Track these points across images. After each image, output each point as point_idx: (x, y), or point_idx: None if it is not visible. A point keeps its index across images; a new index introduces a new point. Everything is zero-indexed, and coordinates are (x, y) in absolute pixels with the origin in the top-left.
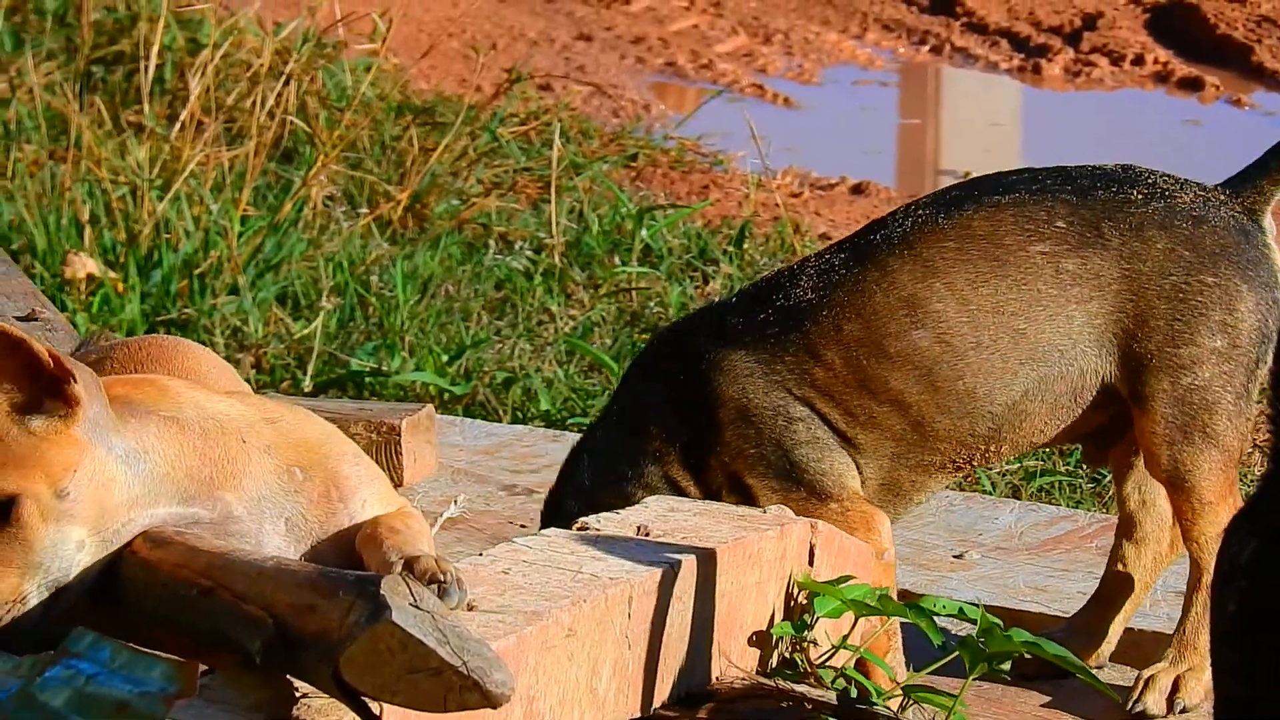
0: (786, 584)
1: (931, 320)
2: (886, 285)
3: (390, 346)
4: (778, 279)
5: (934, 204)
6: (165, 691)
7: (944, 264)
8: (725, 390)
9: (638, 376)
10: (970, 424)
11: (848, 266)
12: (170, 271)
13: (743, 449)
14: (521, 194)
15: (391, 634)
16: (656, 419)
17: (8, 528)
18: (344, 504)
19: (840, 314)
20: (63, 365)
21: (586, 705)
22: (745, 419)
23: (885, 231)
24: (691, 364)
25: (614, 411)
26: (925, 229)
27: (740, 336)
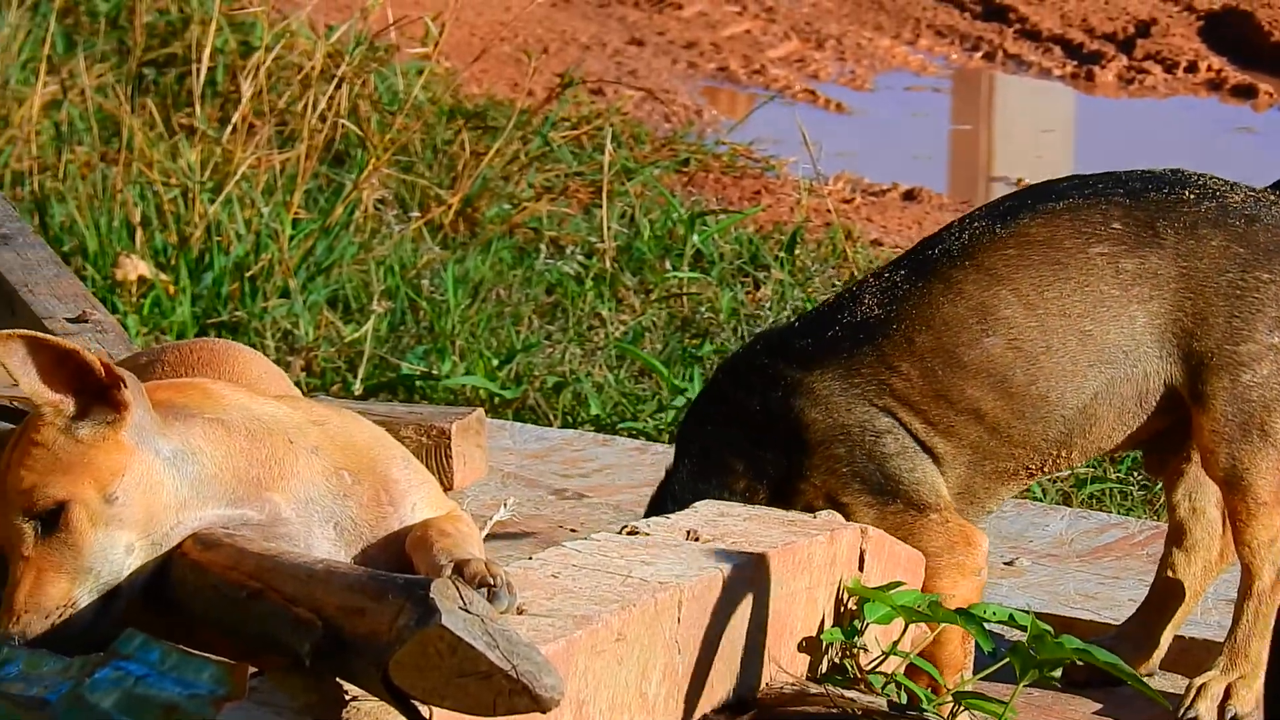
0: (836, 589)
1: (1002, 326)
2: (953, 296)
3: (441, 350)
4: (839, 301)
5: (989, 215)
6: (214, 694)
7: (1008, 271)
8: (808, 413)
9: (711, 413)
10: (1043, 429)
11: (911, 282)
12: (221, 274)
13: (834, 469)
14: (573, 198)
15: (441, 637)
16: (740, 455)
17: (57, 533)
18: (394, 507)
19: (911, 327)
20: (113, 372)
21: (636, 710)
22: (833, 439)
23: (943, 245)
24: (767, 392)
25: (693, 453)
26: (984, 239)
27: (813, 358)
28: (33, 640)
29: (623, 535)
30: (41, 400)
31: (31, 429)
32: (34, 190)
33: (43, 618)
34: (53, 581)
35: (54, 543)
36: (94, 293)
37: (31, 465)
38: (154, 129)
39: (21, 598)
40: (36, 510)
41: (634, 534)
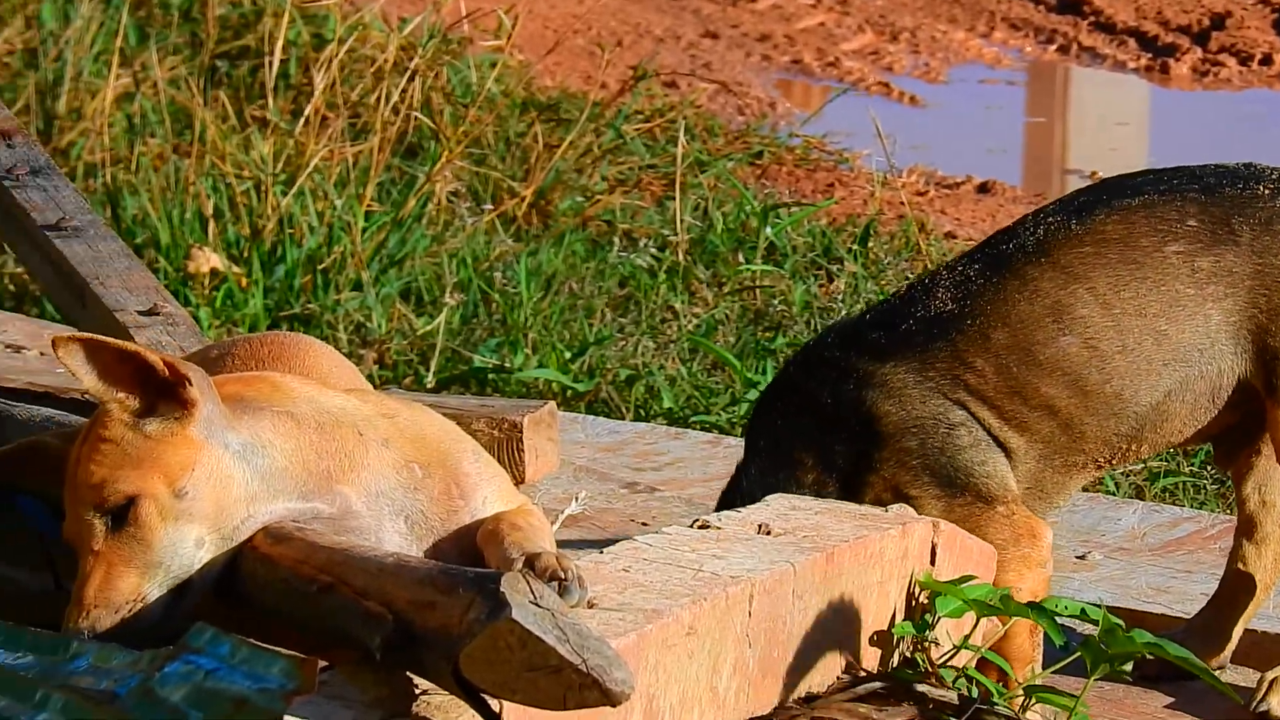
0: (908, 583)
1: (1078, 326)
2: (1029, 294)
3: (513, 343)
4: (911, 294)
5: (1063, 210)
6: (284, 688)
7: (1084, 269)
8: (881, 405)
9: (782, 405)
10: (1115, 425)
11: (985, 276)
12: (293, 267)
13: (905, 461)
14: (646, 191)
15: (511, 631)
16: (810, 447)
17: (127, 528)
18: (464, 501)
19: (986, 323)
20: (177, 370)
21: (707, 704)
22: (905, 431)
23: (1018, 240)
24: (839, 384)
25: (763, 446)
26: (1059, 235)
27: (886, 350)
28: (102, 635)
29: (694, 529)
30: (107, 398)
31: (99, 424)
32: (107, 183)
33: (112, 612)
34: (122, 576)
35: (123, 537)
36: (166, 285)
37: (100, 460)
38: (226, 121)
39: (91, 592)
40: (106, 505)
41: (705, 528)
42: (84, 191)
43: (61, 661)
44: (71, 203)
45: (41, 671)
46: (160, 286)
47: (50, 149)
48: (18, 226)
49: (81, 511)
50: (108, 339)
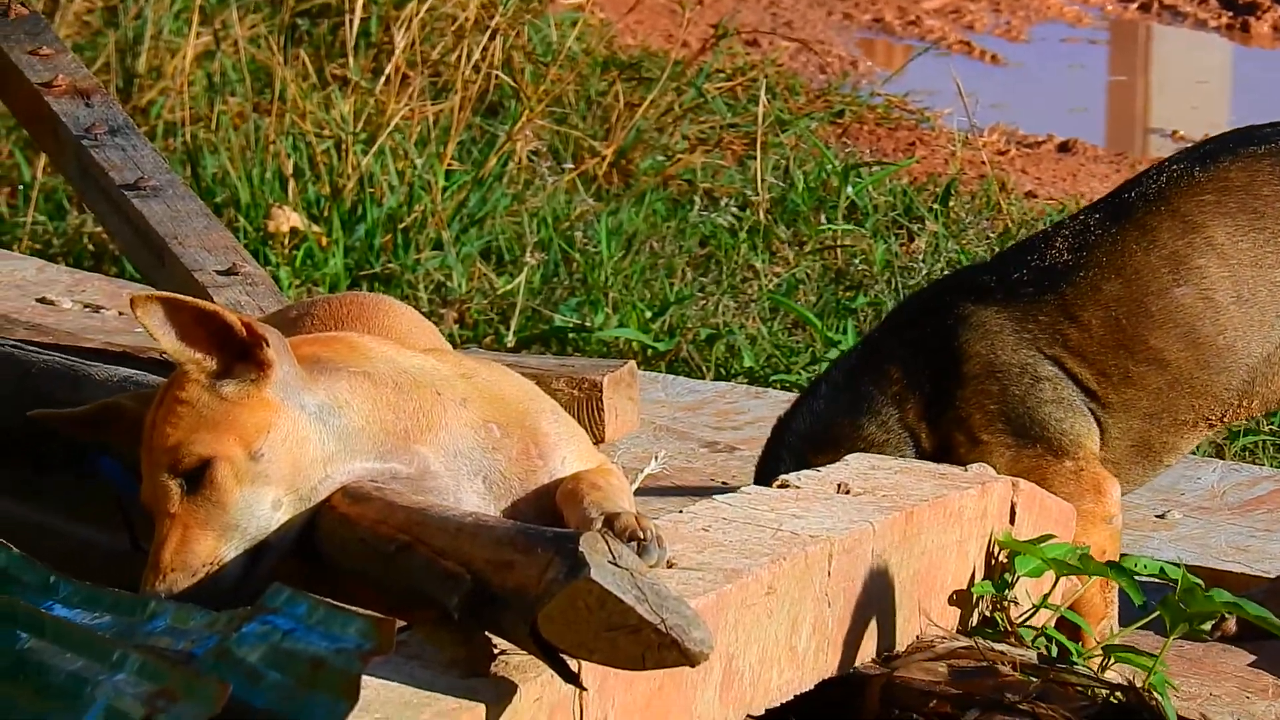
0: (987, 542)
1: (1194, 276)
2: (1146, 243)
3: (594, 302)
4: (1034, 241)
5: (1189, 157)
6: (362, 648)
7: (1204, 218)
8: (972, 345)
9: (885, 329)
10: (1227, 379)
11: (1104, 226)
12: (374, 226)
13: (983, 404)
14: (727, 150)
15: (589, 591)
16: (900, 364)
17: (203, 490)
18: (543, 461)
19: (1099, 274)
20: (254, 331)
21: (786, 663)
22: (990, 374)
23: (1140, 189)
24: (940, 317)
25: (857, 354)
26: (1181, 183)
27: (992, 294)
28: (178, 598)
29: (774, 488)
30: (184, 358)
31: (176, 386)
32: (186, 141)
33: (189, 575)
34: (199, 539)
35: (200, 500)
36: (245, 245)
37: (176, 422)
38: (307, 80)
39: (168, 555)
40: (182, 468)
41: (785, 487)
42: (163, 151)
43: (139, 622)
44: (150, 162)
45: (119, 632)
46: (239, 246)
47: (129, 108)
48: (96, 186)
49: (157, 475)
50: (186, 298)
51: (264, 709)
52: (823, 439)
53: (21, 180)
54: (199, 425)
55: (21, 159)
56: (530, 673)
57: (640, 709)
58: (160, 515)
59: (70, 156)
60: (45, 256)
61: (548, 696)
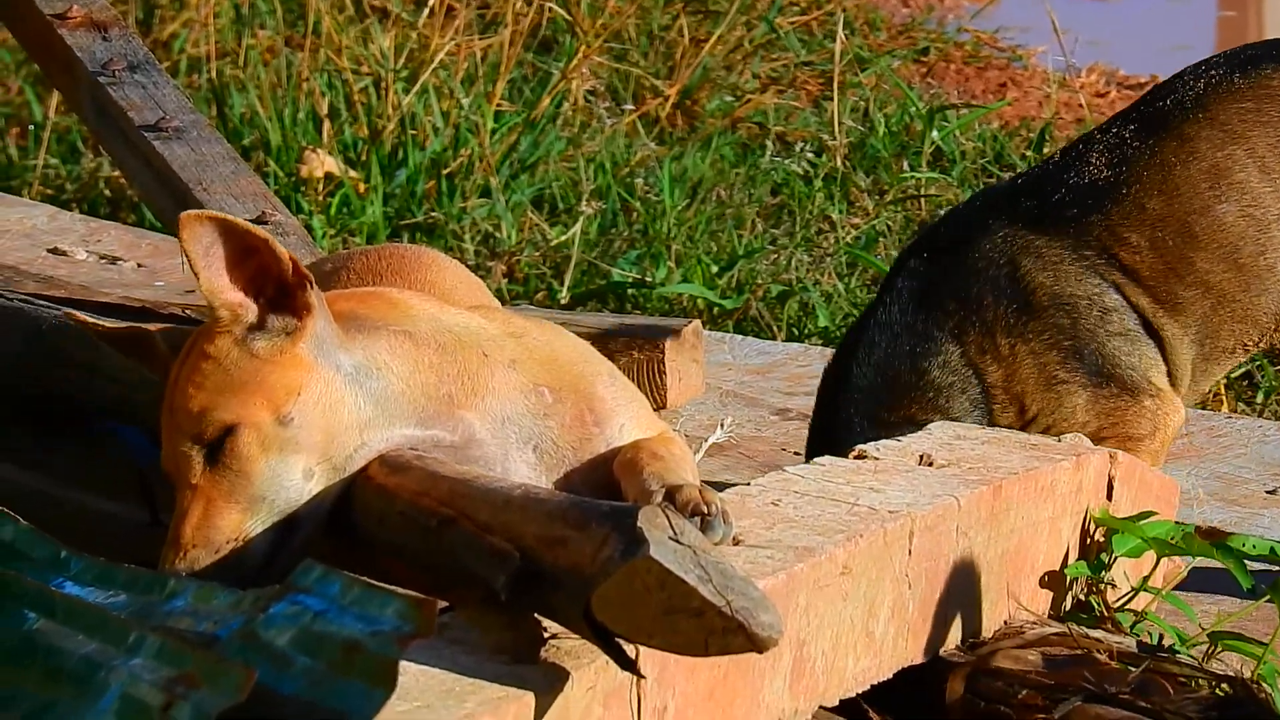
0: (1082, 519)
1: (1235, 192)
2: (1185, 155)
3: (655, 256)
4: (1065, 158)
5: (1228, 63)
6: (400, 631)
7: (1244, 127)
8: (1036, 276)
9: (925, 257)
10: (1267, 302)
11: (1141, 138)
12: (416, 171)
13: (1057, 340)
14: (801, 90)
15: (648, 570)
16: (957, 294)
17: (225, 459)
18: (599, 428)
19: (1141, 191)
20: (300, 270)
21: (862, 649)
22: (1058, 308)
23: (1176, 96)
24: (994, 245)
25: (901, 289)
26: (1220, 90)
27: (1041, 220)
28: (200, 576)
29: (850, 459)
30: (219, 301)
31: (204, 339)
32: (212, 78)
33: (212, 551)
34: (222, 512)
35: (223, 470)
36: (276, 191)
37: (201, 383)
38: (343, 12)
39: (189, 530)
40: (205, 435)
41: (862, 458)
42: (187, 88)
43: (158, 601)
44: (173, 101)
45: (136, 612)
46: (269, 193)
47: (150, 42)
48: (114, 127)
49: (178, 441)
50: (241, 222)
51: (293, 696)
52: (889, 392)
53: (32, 120)
54: (225, 386)
55: (32, 96)
56: (583, 659)
57: (703, 698)
58: (181, 486)
59: (85, 95)
60: (58, 203)
61: (602, 684)
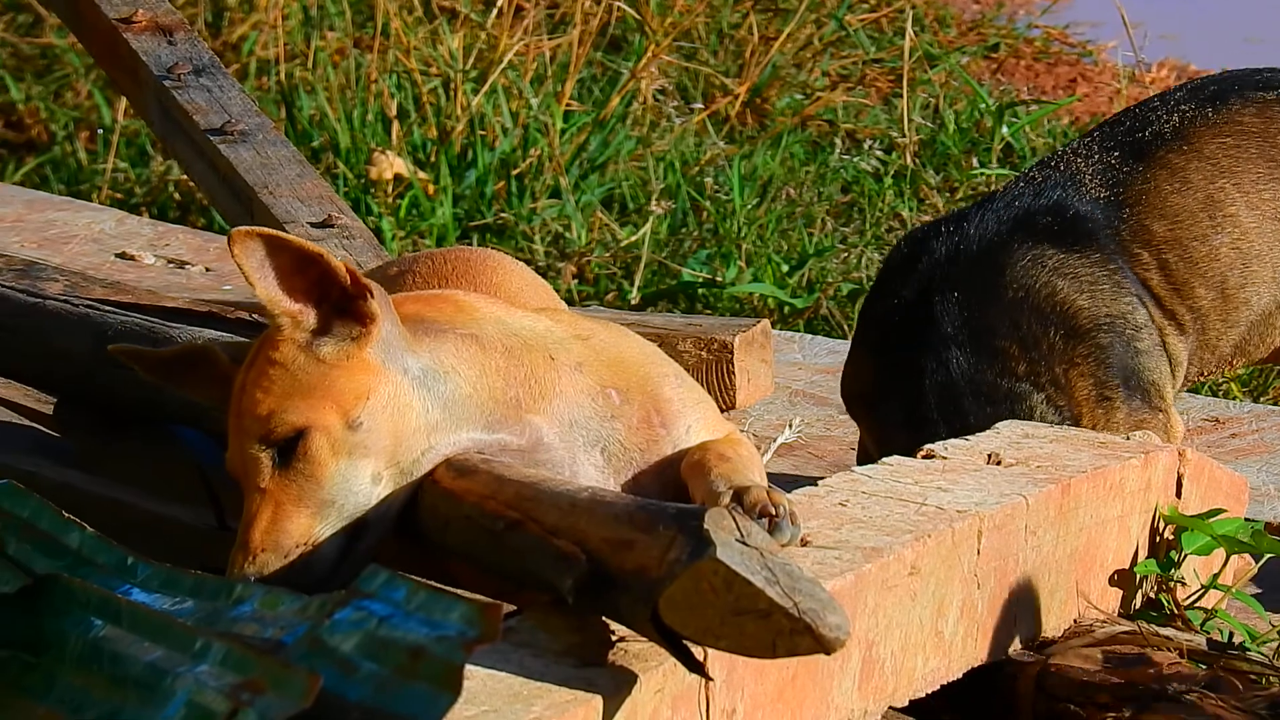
0: (1151, 518)
1: (1229, 225)
2: (1179, 184)
3: (725, 255)
4: (1053, 177)
5: (1195, 99)
6: (465, 635)
7: (1229, 162)
8: (1077, 299)
9: (957, 297)
10: (1234, 334)
11: (1132, 165)
12: (485, 172)
13: (1102, 360)
14: (871, 88)
15: (715, 572)
16: (1011, 335)
17: (295, 463)
18: (666, 430)
19: (1145, 215)
20: (359, 281)
21: (931, 649)
22: (1099, 328)
23: (1153, 128)
24: (1025, 271)
25: (950, 339)
26: (1199, 124)
27: (1063, 237)
28: (269, 580)
29: (918, 459)
30: (278, 310)
31: (268, 346)
32: (281, 80)
33: (280, 556)
34: (291, 516)
35: (292, 474)
36: (345, 193)
37: (268, 388)
38: (412, 13)
39: (258, 535)
40: (274, 438)
41: (930, 457)
42: (256, 91)
43: (224, 607)
44: (238, 104)
45: (202, 618)
46: (335, 196)
47: (219, 44)
48: (180, 131)
49: (246, 444)
50: (290, 237)
51: (358, 703)
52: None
53: (101, 124)
54: (293, 391)
55: (101, 100)
56: (651, 661)
57: (771, 700)
58: (250, 489)
59: (151, 99)
60: (127, 207)
61: (670, 687)
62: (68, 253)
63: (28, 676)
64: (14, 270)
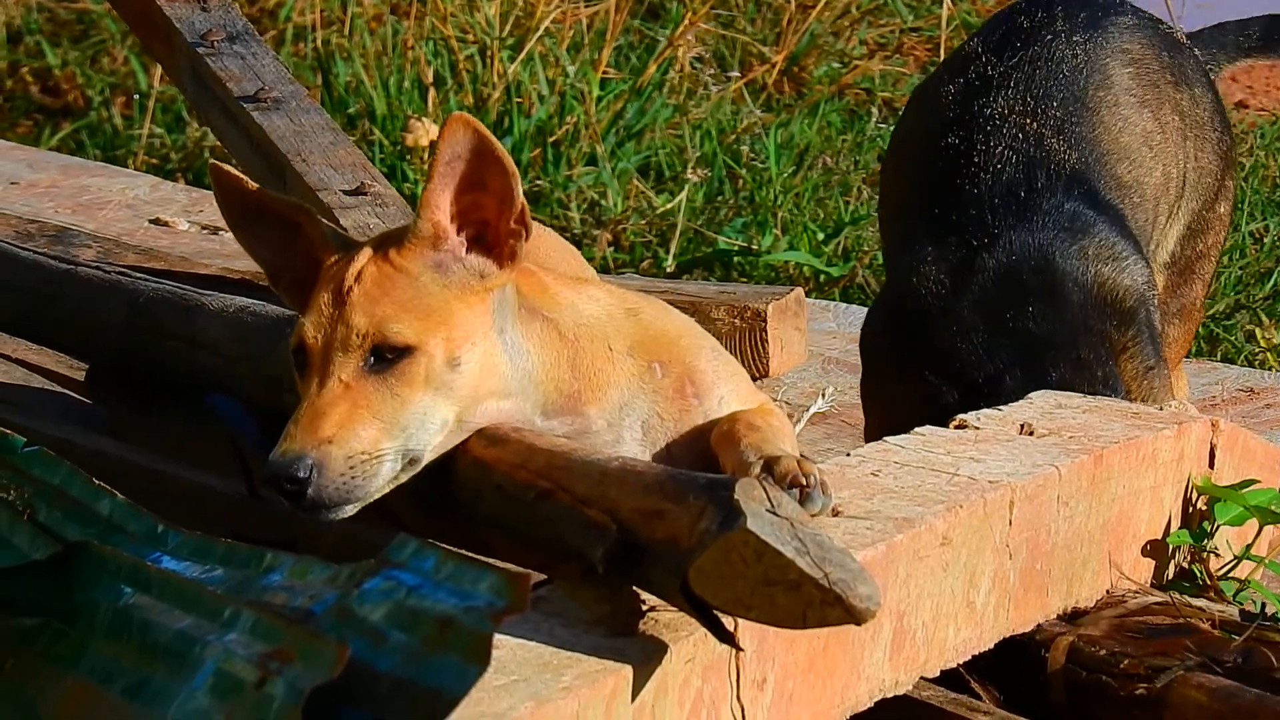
0: (1184, 488)
1: (1161, 153)
2: (1123, 124)
3: (761, 223)
4: (986, 166)
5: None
6: (494, 606)
7: (1142, 92)
8: (1121, 281)
9: (1029, 310)
10: (1160, 256)
11: (1078, 112)
12: (521, 139)
13: (1143, 332)
14: (908, 56)
15: (745, 543)
16: (1087, 344)
17: (388, 376)
18: (699, 400)
19: (1113, 163)
20: (526, 219)
21: (963, 620)
22: (1139, 304)
23: (1069, 63)
24: (1073, 267)
25: (1038, 365)
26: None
27: (1076, 218)
28: (323, 482)
29: (950, 429)
30: (430, 217)
31: (396, 246)
32: (317, 47)
33: (344, 457)
34: (367, 423)
35: (381, 383)
36: (381, 160)
37: (389, 288)
38: None
39: (330, 426)
40: (380, 343)
41: (962, 427)
42: (293, 58)
43: (254, 576)
44: (272, 71)
45: (232, 587)
46: (368, 163)
47: (255, 10)
48: (213, 98)
49: (344, 334)
50: (499, 147)
51: (387, 672)
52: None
53: (137, 89)
54: (413, 305)
55: (138, 66)
56: (681, 631)
57: (802, 670)
58: (326, 375)
59: (184, 65)
60: (162, 173)
61: (701, 657)
62: (102, 219)
63: (57, 645)
64: (47, 236)
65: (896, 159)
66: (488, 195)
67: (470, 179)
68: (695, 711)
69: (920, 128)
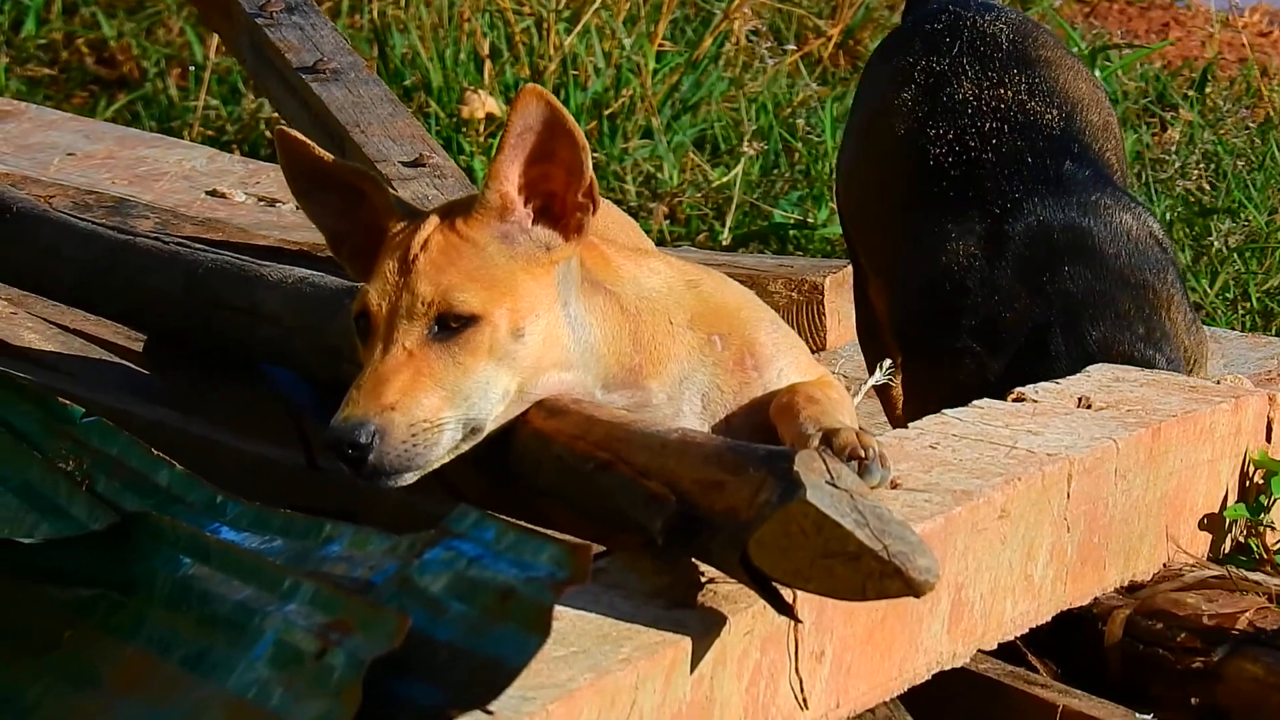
0: (1241, 462)
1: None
2: (1072, 74)
3: (817, 197)
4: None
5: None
6: (554, 577)
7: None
8: (1160, 233)
9: (1088, 274)
10: None
11: (1041, 71)
12: (577, 112)
13: (1179, 281)
14: None
15: (805, 514)
16: (1149, 303)
17: (452, 345)
18: (758, 372)
19: (1088, 111)
20: (594, 193)
21: (1021, 593)
22: (1168, 245)
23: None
24: (1125, 228)
25: (1079, 308)
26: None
27: (1095, 182)
28: (385, 448)
29: (1008, 402)
30: (498, 188)
31: (463, 216)
32: (373, 19)
33: (407, 424)
34: (430, 391)
35: (445, 351)
36: (437, 132)
37: (455, 257)
38: None
39: (394, 392)
40: (446, 311)
41: (1021, 400)
42: (349, 29)
43: (313, 547)
44: (330, 42)
45: (291, 557)
46: (427, 135)
47: None
48: (271, 69)
49: (409, 300)
50: (572, 121)
51: (446, 643)
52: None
53: (193, 61)
54: (479, 275)
55: (193, 37)
56: (740, 603)
57: (861, 642)
58: (390, 342)
59: (243, 36)
60: (218, 145)
61: (759, 629)
62: (158, 190)
63: (116, 616)
64: (105, 207)
65: (874, 170)
66: (556, 167)
67: (540, 150)
68: (754, 683)
69: (891, 137)
